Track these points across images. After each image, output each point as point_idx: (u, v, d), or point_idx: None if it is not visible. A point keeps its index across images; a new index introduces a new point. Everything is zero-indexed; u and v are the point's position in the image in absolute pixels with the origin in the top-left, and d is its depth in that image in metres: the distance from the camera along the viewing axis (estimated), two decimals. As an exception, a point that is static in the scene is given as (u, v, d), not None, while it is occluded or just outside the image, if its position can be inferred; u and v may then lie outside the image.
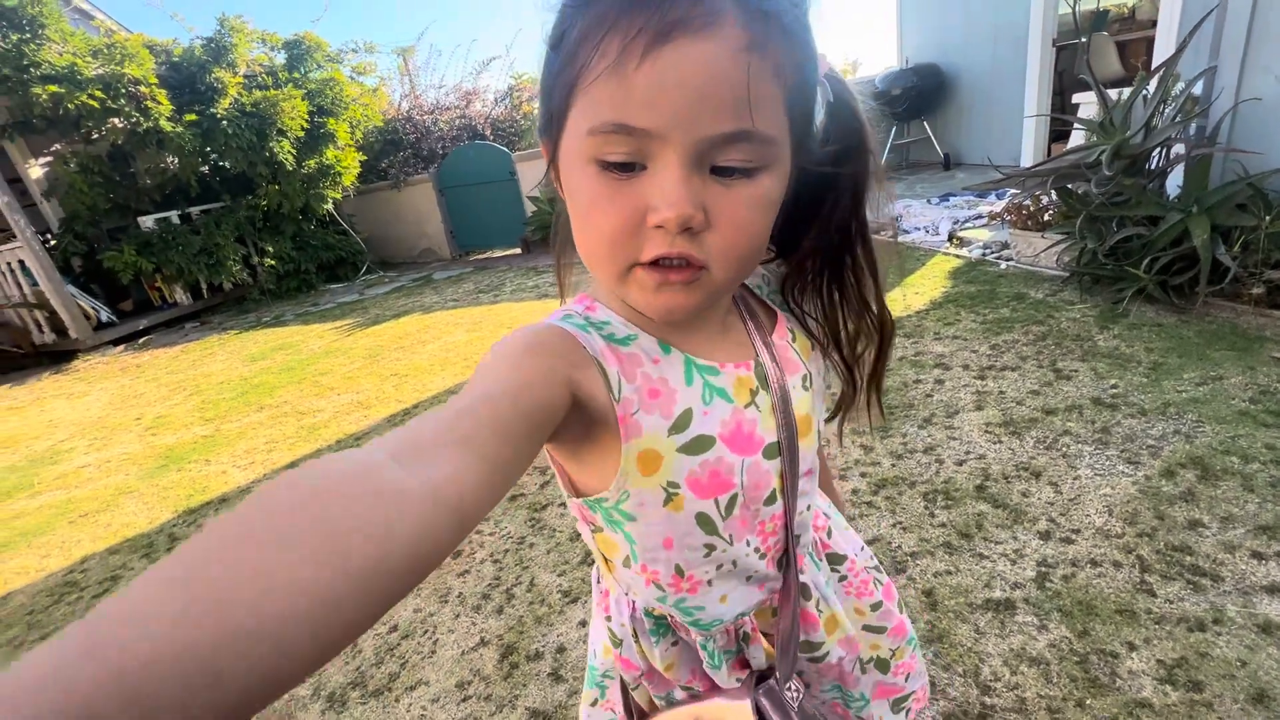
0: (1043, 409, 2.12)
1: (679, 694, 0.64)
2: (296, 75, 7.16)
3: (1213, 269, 2.45)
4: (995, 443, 1.99)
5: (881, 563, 0.87)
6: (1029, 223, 3.43)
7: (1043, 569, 1.49)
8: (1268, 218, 2.37)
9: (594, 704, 0.73)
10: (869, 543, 1.67)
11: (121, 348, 6.20)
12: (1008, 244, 3.70)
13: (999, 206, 4.42)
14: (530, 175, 7.52)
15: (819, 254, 0.56)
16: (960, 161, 6.70)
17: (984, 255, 3.75)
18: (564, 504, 2.14)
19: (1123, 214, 2.70)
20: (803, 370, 0.58)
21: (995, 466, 1.88)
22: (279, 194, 7.10)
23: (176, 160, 6.46)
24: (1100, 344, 2.46)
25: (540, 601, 1.72)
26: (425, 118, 8.95)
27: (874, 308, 0.58)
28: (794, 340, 0.59)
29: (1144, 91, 2.74)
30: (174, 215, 6.85)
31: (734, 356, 0.54)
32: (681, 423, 0.50)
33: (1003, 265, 3.52)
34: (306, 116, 6.82)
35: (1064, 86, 6.22)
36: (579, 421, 0.46)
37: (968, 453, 1.98)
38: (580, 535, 1.95)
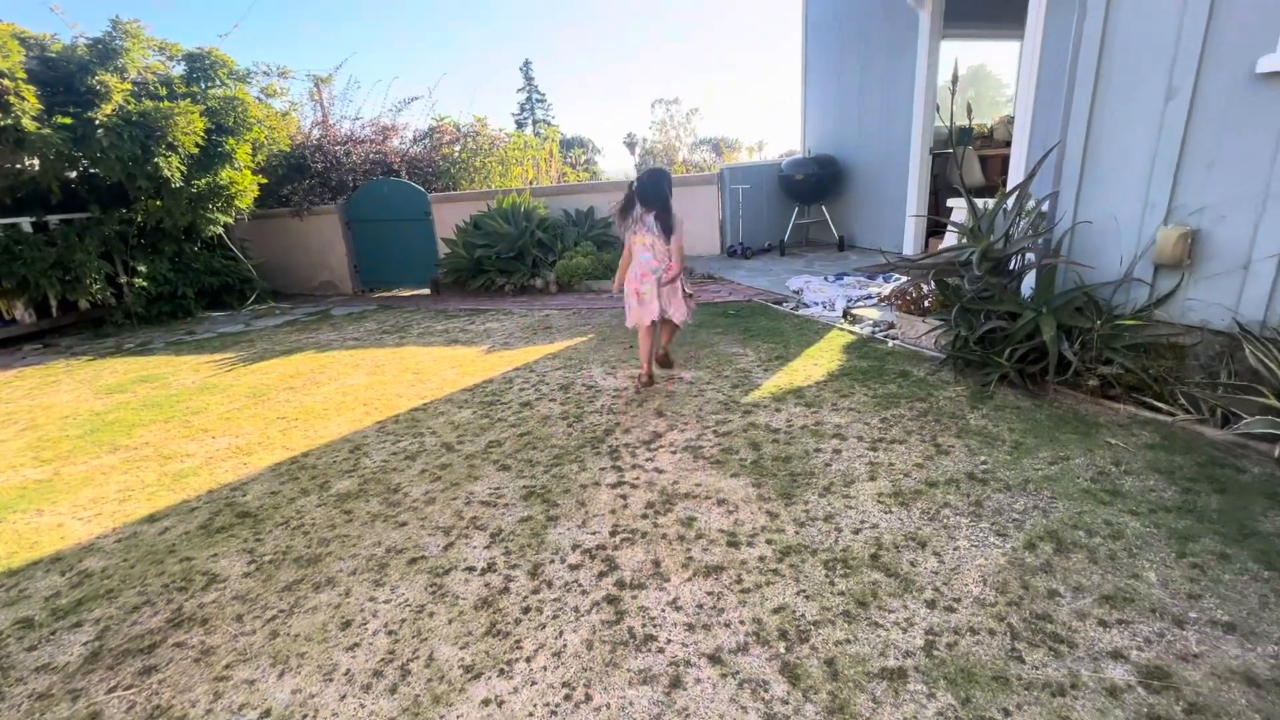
0: (926, 481, 2.32)
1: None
2: (195, 89, 6.72)
3: (1059, 362, 2.84)
4: (887, 512, 2.15)
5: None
6: (912, 307, 3.82)
7: (930, 637, 1.60)
8: (1099, 322, 2.80)
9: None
10: (776, 610, 1.72)
11: (-66, 369, 5.27)
12: (894, 324, 4.08)
13: (886, 289, 4.89)
14: (447, 218, 7.39)
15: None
16: (853, 244, 7.37)
17: (874, 333, 4.11)
18: (470, 568, 2.04)
19: (989, 308, 3.08)
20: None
21: (887, 536, 2.02)
22: (160, 211, 6.50)
23: (37, 163, 5.78)
24: (972, 422, 2.75)
25: (439, 678, 1.61)
26: (337, 148, 8.63)
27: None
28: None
29: (1005, 205, 3.19)
30: (26, 222, 6.06)
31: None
32: None
33: (890, 344, 3.87)
34: (203, 133, 6.37)
35: (938, 188, 7.10)
36: None
37: (863, 521, 2.11)
38: (485, 604, 1.86)
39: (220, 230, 7.12)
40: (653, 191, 3.19)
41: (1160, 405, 2.63)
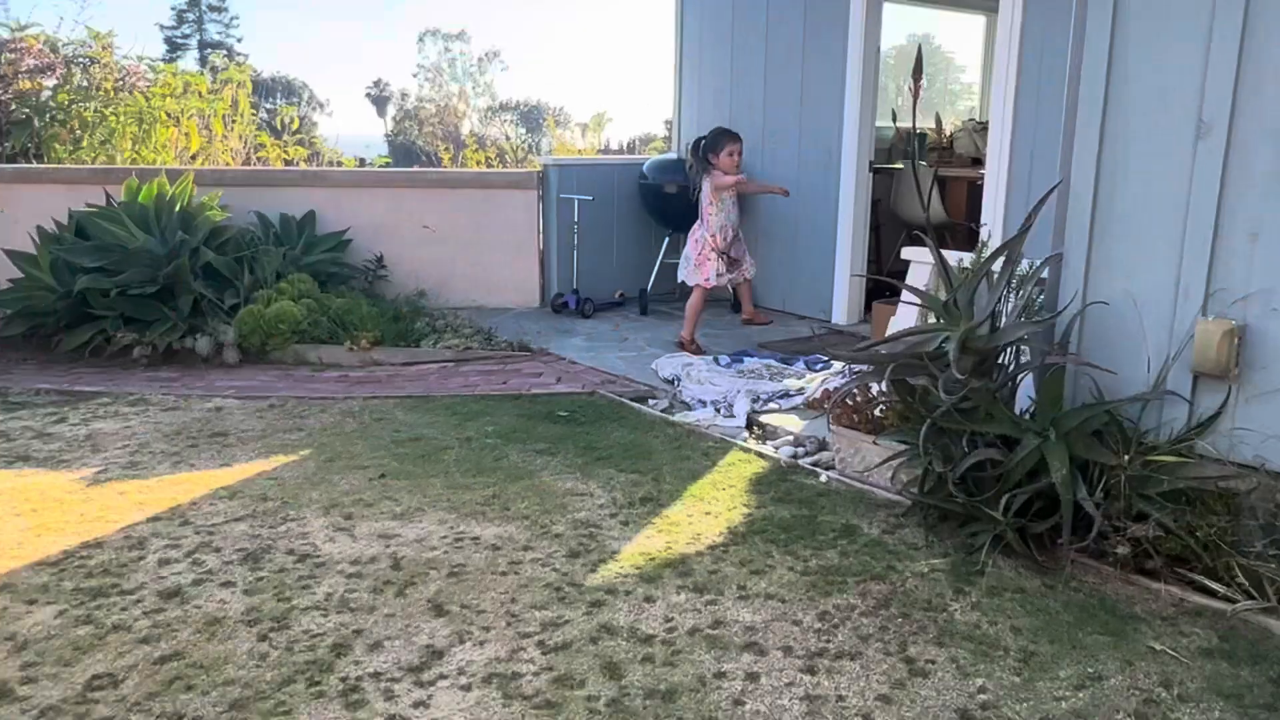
0: (899, 730, 2.39)
1: None
2: None
3: (1076, 515, 3.15)
4: (841, 793, 2.16)
5: None
6: (856, 419, 4.09)
7: None
8: (1127, 456, 3.18)
9: None
10: None
11: None
12: (827, 444, 4.33)
13: (814, 383, 5.22)
14: (23, 211, 6.74)
15: None
16: (755, 300, 7.86)
17: (796, 457, 4.32)
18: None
19: (973, 428, 3.38)
20: None
21: (845, 839, 2.02)
22: None
23: None
24: (958, 618, 2.93)
25: None
26: None
27: None
28: None
29: (990, 269, 3.58)
30: None
31: None
32: None
33: (823, 477, 4.09)
34: None
35: (879, 221, 7.93)
36: None
37: (804, 813, 2.10)
38: None
39: None
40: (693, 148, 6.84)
41: (1213, 585, 3.01)
